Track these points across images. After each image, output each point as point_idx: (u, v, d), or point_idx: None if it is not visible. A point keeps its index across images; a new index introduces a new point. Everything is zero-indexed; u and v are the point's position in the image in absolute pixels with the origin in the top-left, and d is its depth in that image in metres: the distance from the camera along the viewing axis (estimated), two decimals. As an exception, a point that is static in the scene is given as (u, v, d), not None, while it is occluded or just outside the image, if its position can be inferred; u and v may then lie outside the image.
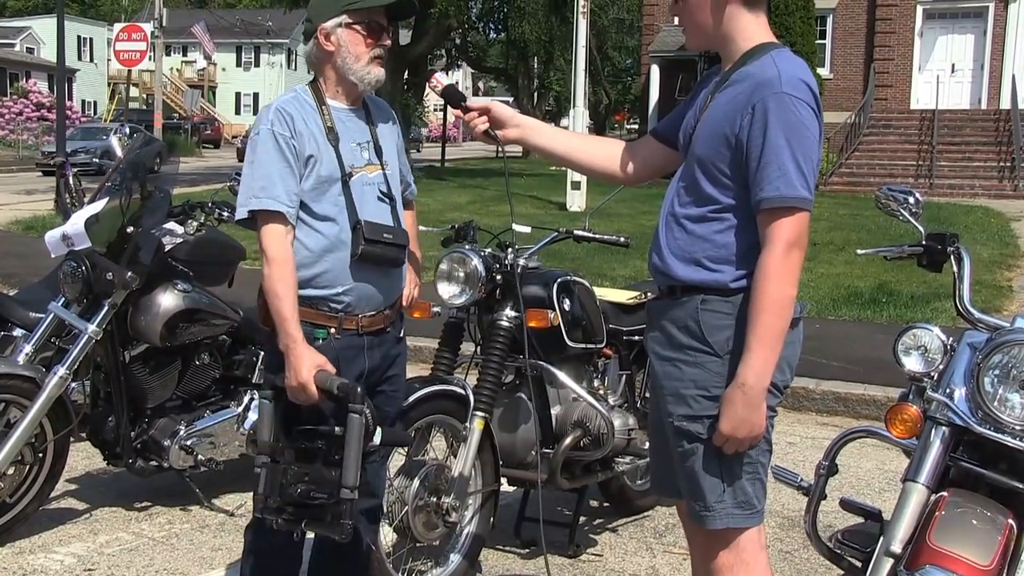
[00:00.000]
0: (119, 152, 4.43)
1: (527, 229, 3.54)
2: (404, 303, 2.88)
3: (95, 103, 51.48)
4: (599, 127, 43.01)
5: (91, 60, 52.40)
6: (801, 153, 2.16)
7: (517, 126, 2.60)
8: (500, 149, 2.68)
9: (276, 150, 2.57)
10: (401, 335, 2.86)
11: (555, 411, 3.70)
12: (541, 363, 3.59)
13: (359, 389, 2.47)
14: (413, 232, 2.97)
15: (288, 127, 2.58)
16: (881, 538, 2.43)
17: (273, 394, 2.60)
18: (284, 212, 2.55)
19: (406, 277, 2.87)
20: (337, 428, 2.52)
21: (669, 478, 2.44)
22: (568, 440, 3.59)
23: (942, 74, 22.77)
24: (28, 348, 4.01)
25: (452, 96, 2.63)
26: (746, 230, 2.23)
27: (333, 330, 2.65)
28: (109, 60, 41.87)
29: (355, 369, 2.68)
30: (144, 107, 45.41)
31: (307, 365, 2.51)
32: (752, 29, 2.30)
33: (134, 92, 44.09)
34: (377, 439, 2.52)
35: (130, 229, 3.91)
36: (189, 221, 4.17)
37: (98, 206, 3.95)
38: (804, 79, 2.20)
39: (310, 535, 2.70)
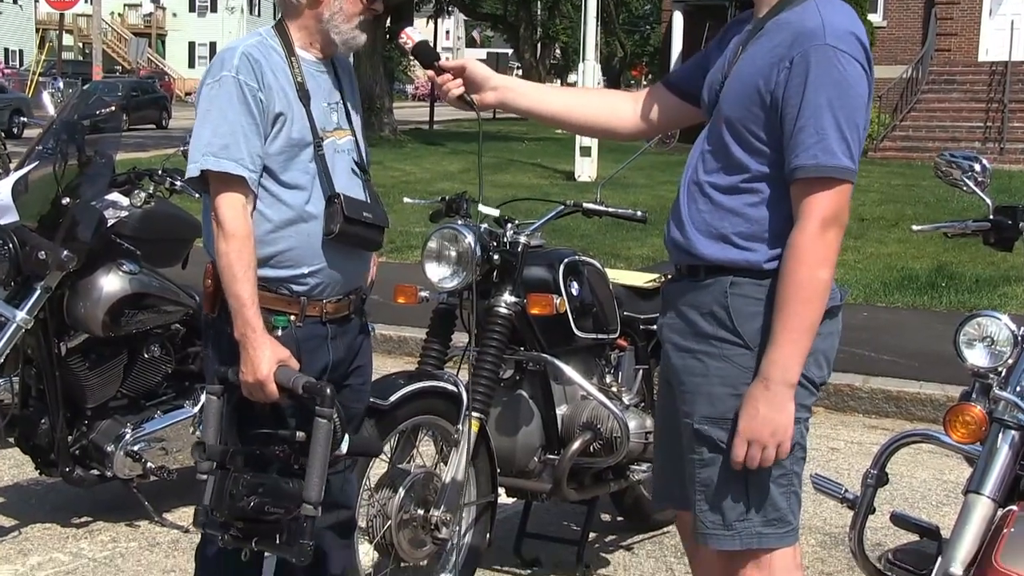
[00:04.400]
0: (51, 110, 4.44)
1: (495, 212, 3.54)
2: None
3: (20, 52, 51.34)
4: (613, 83, 42.99)
5: (14, 1, 52.20)
6: (844, 116, 2.16)
7: (494, 88, 2.58)
8: (477, 115, 2.66)
9: (241, 102, 2.53)
10: (365, 321, 2.90)
11: (561, 411, 3.72)
12: (545, 356, 3.61)
13: (328, 390, 2.46)
14: None
15: (256, 78, 2.55)
16: (939, 558, 2.45)
17: (222, 390, 2.60)
18: (247, 178, 2.54)
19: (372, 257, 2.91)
20: (299, 433, 2.51)
21: (677, 485, 2.45)
22: (576, 444, 3.61)
23: (1017, 19, 22.66)
24: (-54, 339, 4.02)
25: (424, 54, 2.65)
26: (782, 203, 2.24)
27: (294, 317, 2.65)
28: (37, 1, 41.69)
29: (319, 362, 2.69)
30: (81, 58, 45.34)
31: (267, 359, 2.50)
32: None
33: (68, 40, 43.99)
34: (344, 447, 2.52)
35: (66, 200, 3.91)
36: (136, 191, 4.17)
37: (27, 172, 3.96)
38: (853, 30, 2.20)
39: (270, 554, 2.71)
